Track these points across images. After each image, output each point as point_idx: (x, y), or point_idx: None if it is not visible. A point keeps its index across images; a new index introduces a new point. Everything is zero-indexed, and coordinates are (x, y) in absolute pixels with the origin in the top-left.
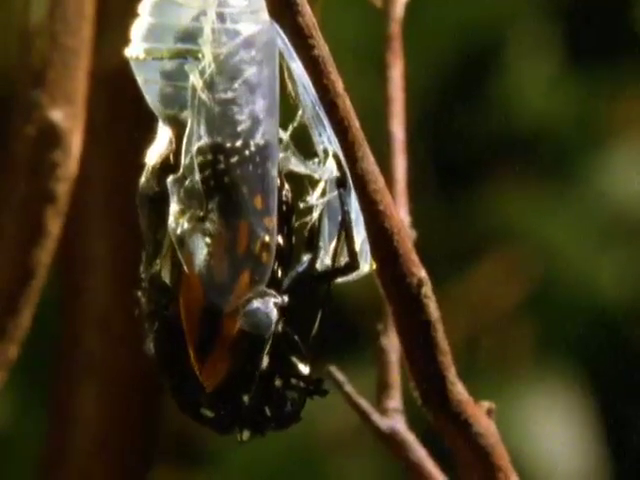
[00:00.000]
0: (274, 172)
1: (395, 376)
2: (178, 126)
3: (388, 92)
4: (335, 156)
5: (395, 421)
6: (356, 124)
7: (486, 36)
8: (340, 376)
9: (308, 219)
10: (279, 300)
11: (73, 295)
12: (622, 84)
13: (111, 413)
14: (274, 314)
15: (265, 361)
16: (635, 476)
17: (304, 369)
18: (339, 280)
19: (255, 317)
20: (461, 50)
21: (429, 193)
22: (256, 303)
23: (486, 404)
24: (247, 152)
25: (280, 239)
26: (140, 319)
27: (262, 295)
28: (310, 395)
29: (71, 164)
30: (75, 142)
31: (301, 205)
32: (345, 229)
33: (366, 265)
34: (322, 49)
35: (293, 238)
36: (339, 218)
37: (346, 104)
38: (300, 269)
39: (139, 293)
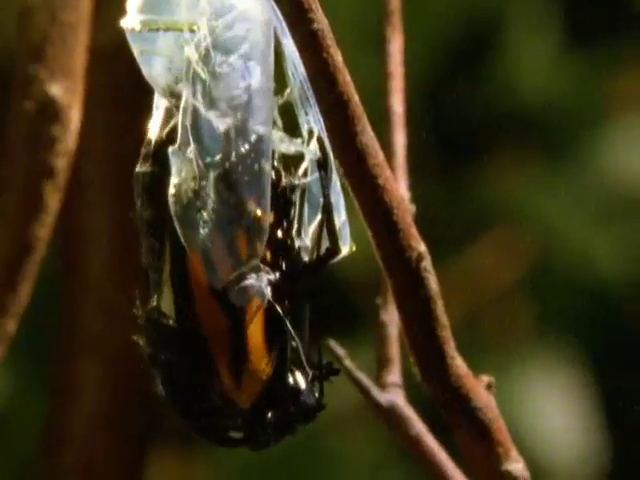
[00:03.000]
0: (268, 168)
1: (395, 350)
2: (174, 98)
3: (387, 67)
4: (319, 138)
5: (394, 395)
6: (355, 98)
7: (486, 13)
8: (340, 350)
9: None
10: (272, 276)
11: (72, 271)
12: (621, 63)
13: (111, 389)
14: (268, 291)
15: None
16: (633, 451)
17: (308, 358)
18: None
19: (248, 293)
20: (461, 27)
21: (429, 170)
22: (250, 279)
23: (485, 378)
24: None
25: (280, 233)
26: (143, 358)
27: (256, 270)
28: (326, 379)
29: (70, 139)
30: (74, 117)
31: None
32: (326, 213)
33: (346, 247)
34: (321, 23)
35: (293, 231)
36: (319, 200)
37: (345, 78)
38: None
39: (137, 336)
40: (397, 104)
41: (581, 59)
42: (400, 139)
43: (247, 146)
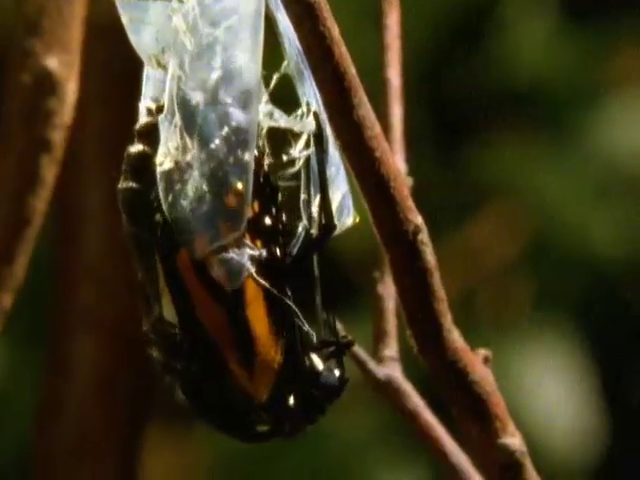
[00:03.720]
0: (249, 156)
1: (391, 324)
2: (161, 68)
3: (384, 40)
4: (315, 113)
5: (392, 369)
6: (352, 71)
7: None
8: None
9: (291, 171)
10: (256, 252)
11: (68, 244)
12: (619, 40)
13: (107, 362)
14: (248, 265)
15: (289, 350)
16: (629, 427)
17: (319, 339)
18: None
19: (227, 266)
20: (459, 1)
21: (426, 146)
22: (230, 253)
23: (482, 352)
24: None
25: (268, 220)
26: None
27: (237, 244)
28: (343, 354)
29: (67, 112)
30: (70, 90)
31: (284, 158)
32: (321, 190)
33: (349, 219)
34: None
35: (283, 216)
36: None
37: (342, 50)
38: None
39: (149, 349)
40: (394, 77)
41: (580, 35)
42: (397, 112)
43: (232, 120)
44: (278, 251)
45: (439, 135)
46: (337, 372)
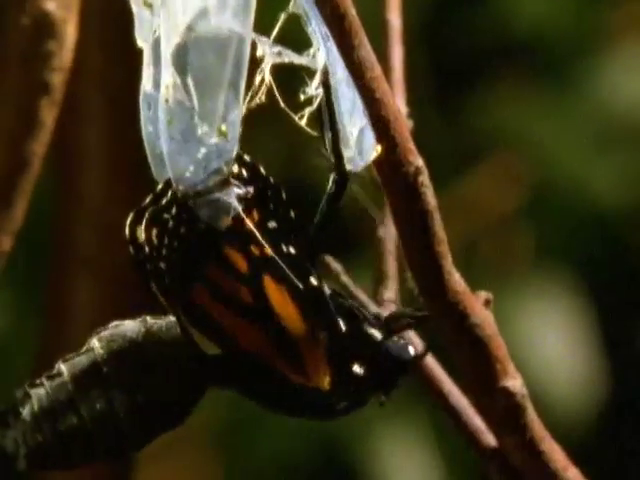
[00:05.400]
0: (237, 95)
1: (392, 267)
2: (147, 7)
3: None
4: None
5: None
6: (352, 12)
7: None
8: (336, 266)
9: (308, 110)
10: (242, 191)
11: (67, 188)
12: None
13: (107, 308)
14: (235, 204)
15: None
16: (630, 375)
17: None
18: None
19: (215, 206)
20: None
21: (426, 97)
22: (218, 193)
23: (483, 294)
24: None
25: (273, 223)
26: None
27: (224, 185)
28: (417, 326)
29: (65, 54)
30: (69, 32)
31: (302, 97)
32: (332, 132)
33: (371, 152)
34: None
35: (291, 212)
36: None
37: None
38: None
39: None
40: (395, 18)
41: None
42: (398, 53)
43: (214, 57)
44: (292, 249)
45: (439, 84)
46: (406, 343)
